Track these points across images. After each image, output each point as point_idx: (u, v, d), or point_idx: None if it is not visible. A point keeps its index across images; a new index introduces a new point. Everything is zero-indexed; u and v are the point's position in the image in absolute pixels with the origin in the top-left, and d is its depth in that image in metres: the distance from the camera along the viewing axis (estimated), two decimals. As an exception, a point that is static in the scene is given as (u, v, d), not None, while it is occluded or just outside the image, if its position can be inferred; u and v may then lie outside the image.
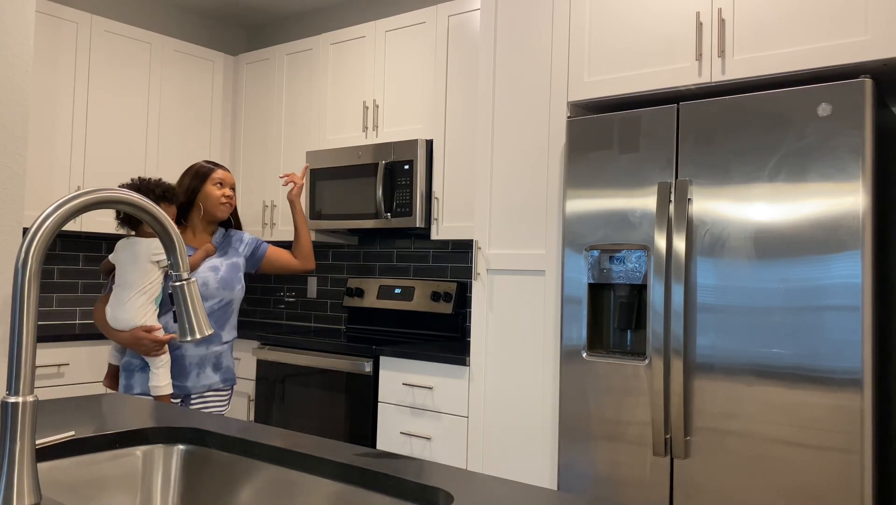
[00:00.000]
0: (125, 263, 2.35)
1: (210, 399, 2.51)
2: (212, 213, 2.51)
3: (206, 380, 2.47)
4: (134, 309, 2.33)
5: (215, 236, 2.55)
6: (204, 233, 2.53)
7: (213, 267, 2.47)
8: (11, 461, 0.93)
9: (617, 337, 2.56)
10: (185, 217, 2.52)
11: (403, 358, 3.16)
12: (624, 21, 2.60)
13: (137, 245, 2.34)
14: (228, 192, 2.53)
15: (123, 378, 2.43)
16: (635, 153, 2.44)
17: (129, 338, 2.32)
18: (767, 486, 2.12)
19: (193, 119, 4.31)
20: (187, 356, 2.43)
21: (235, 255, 2.56)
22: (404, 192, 3.44)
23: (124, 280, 2.35)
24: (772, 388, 2.13)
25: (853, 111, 2.04)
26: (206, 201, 2.50)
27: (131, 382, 2.40)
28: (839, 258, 2.04)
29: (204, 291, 2.43)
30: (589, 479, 2.47)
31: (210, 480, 1.41)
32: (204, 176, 2.51)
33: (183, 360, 2.42)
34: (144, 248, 2.34)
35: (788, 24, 2.26)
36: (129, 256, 2.34)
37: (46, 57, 3.68)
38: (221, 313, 2.49)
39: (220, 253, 2.53)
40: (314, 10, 4.63)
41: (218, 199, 2.51)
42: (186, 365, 2.42)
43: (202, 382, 2.46)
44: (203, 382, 2.46)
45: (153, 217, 1.06)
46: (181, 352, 2.42)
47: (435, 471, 1.21)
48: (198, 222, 2.52)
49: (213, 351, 2.48)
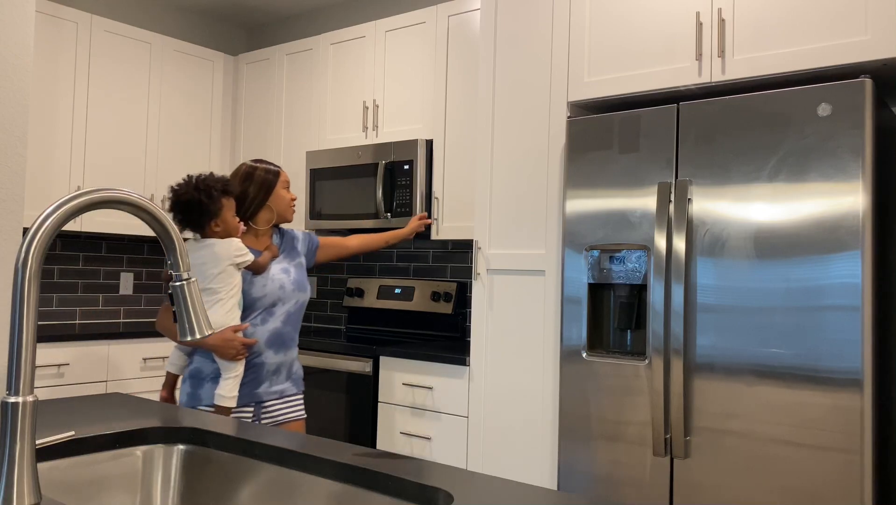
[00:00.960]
0: (204, 266, 2.22)
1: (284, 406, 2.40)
2: (283, 216, 2.43)
3: (278, 386, 2.37)
4: (222, 313, 2.22)
5: (274, 238, 2.47)
6: (265, 235, 2.43)
7: (285, 270, 2.40)
8: (11, 461, 0.93)
9: (617, 337, 2.56)
10: (253, 220, 2.39)
11: (403, 358, 3.16)
12: (624, 21, 2.60)
13: (215, 246, 2.22)
14: (293, 195, 2.47)
15: (189, 387, 2.30)
16: (635, 153, 2.44)
17: (217, 340, 2.20)
18: (767, 486, 2.12)
19: (193, 119, 4.31)
20: (266, 363, 2.33)
21: (298, 255, 2.49)
22: (404, 192, 3.44)
23: (205, 284, 2.22)
24: (772, 388, 2.13)
25: (853, 111, 2.04)
26: (279, 205, 2.41)
27: (199, 392, 2.28)
28: (839, 258, 2.04)
29: (281, 294, 2.35)
30: (589, 479, 2.47)
31: (210, 480, 1.41)
32: (273, 180, 2.40)
33: (262, 367, 2.32)
34: (224, 250, 2.22)
35: (788, 24, 2.26)
36: (207, 258, 2.21)
37: (46, 57, 3.68)
38: (297, 315, 2.42)
39: (284, 255, 2.44)
40: (314, 10, 4.63)
41: (288, 203, 2.44)
42: (264, 373, 2.33)
43: (274, 389, 2.36)
44: (275, 388, 2.36)
45: (153, 217, 1.06)
46: (260, 359, 2.31)
47: (435, 471, 1.21)
48: (265, 225, 2.41)
49: (289, 357, 2.40)
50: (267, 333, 2.32)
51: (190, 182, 2.25)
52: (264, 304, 2.32)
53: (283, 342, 2.36)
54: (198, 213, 2.22)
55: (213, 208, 2.22)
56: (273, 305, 2.34)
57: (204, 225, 2.25)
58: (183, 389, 2.32)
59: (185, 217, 2.25)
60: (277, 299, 2.34)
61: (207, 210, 2.21)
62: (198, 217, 2.24)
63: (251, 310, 2.30)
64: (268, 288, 2.32)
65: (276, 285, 2.34)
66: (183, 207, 2.23)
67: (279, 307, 2.35)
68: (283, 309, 2.36)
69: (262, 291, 2.31)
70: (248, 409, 2.32)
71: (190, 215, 2.24)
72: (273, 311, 2.34)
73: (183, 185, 2.25)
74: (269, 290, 2.32)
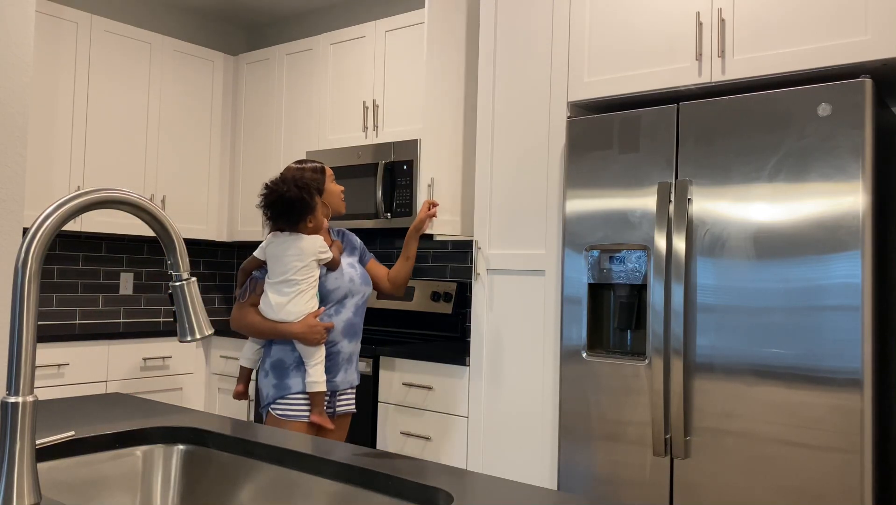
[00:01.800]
0: (289, 259, 2.35)
1: (350, 396, 2.54)
2: (337, 209, 2.55)
3: (350, 376, 2.51)
4: (303, 303, 2.36)
5: (332, 235, 2.59)
6: (326, 232, 2.55)
7: (351, 265, 2.53)
8: (11, 461, 0.93)
9: (617, 337, 2.56)
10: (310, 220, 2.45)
11: (403, 358, 3.16)
12: (624, 21, 2.60)
13: (302, 241, 2.36)
14: (342, 187, 2.59)
15: (274, 378, 2.39)
16: (635, 153, 2.44)
17: (302, 326, 2.34)
18: (767, 486, 2.12)
19: (193, 119, 4.31)
20: (342, 352, 2.47)
21: (356, 253, 2.63)
22: (404, 192, 3.44)
23: (287, 276, 2.35)
24: (772, 388, 2.13)
25: (853, 111, 2.04)
26: (332, 199, 2.52)
27: (286, 381, 2.37)
28: (839, 258, 2.04)
29: (352, 286, 2.48)
30: (589, 479, 2.47)
31: (210, 480, 1.41)
32: (321, 178, 2.50)
33: (337, 356, 2.45)
34: (310, 245, 2.36)
35: (788, 24, 2.26)
36: (294, 252, 2.34)
37: (46, 57, 3.68)
38: (363, 307, 2.55)
39: (347, 252, 2.59)
40: (314, 10, 4.63)
41: (339, 196, 2.56)
42: (340, 361, 2.46)
43: (347, 378, 2.50)
44: (348, 377, 2.50)
45: (153, 217, 1.06)
46: (336, 348, 2.45)
47: (435, 471, 1.21)
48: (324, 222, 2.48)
49: (357, 346, 2.54)
50: (342, 324, 2.46)
51: (287, 179, 2.36)
52: (337, 296, 2.45)
53: (355, 332, 2.51)
54: (299, 210, 2.35)
55: (312, 204, 2.36)
56: (345, 297, 2.47)
57: (299, 221, 2.37)
58: (265, 381, 2.41)
59: (283, 212, 2.36)
60: (348, 291, 2.48)
61: (307, 206, 2.35)
62: (298, 213, 2.35)
63: (325, 302, 2.44)
64: (339, 281, 2.46)
65: (347, 279, 2.48)
66: (286, 204, 2.35)
67: (349, 299, 2.49)
68: (353, 301, 2.50)
69: (336, 283, 2.45)
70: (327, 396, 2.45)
71: (290, 211, 2.35)
72: (345, 302, 2.48)
73: (282, 183, 2.36)
74: (340, 283, 2.46)
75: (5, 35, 2.28)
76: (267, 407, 2.40)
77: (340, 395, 2.50)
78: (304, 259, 2.34)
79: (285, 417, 2.37)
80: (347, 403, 2.54)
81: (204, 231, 4.35)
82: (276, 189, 2.35)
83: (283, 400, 2.37)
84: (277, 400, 2.38)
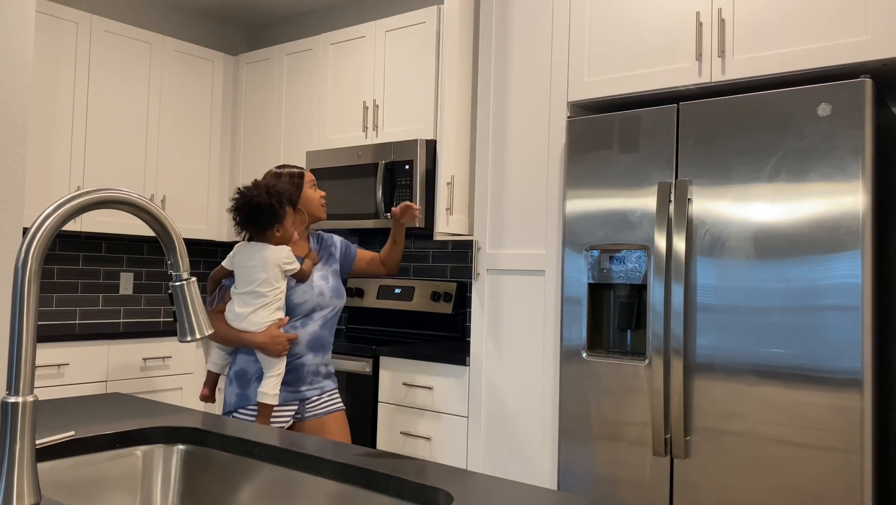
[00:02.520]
0: (253, 270, 2.31)
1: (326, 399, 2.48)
2: (315, 216, 2.49)
3: (319, 384, 2.46)
4: (266, 314, 2.31)
5: (311, 243, 2.52)
6: (302, 239, 2.49)
7: (323, 276, 2.46)
8: (11, 461, 0.93)
9: (617, 337, 2.56)
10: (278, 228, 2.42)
11: (403, 358, 3.16)
12: (624, 21, 2.60)
13: (266, 251, 2.31)
14: (322, 193, 2.51)
15: (237, 387, 2.37)
16: (635, 153, 2.44)
17: (265, 336, 2.30)
18: (767, 486, 2.12)
19: (193, 119, 4.31)
20: (307, 365, 2.41)
21: (334, 261, 2.54)
22: (404, 192, 3.44)
23: (251, 287, 2.31)
24: (772, 388, 2.13)
25: (853, 111, 2.04)
26: (309, 205, 2.47)
27: (247, 392, 2.35)
28: (839, 258, 2.04)
29: (321, 300, 2.42)
30: (589, 479, 2.47)
31: (210, 480, 1.41)
32: (298, 182, 2.45)
33: (302, 368, 2.40)
34: (276, 256, 2.31)
35: (788, 24, 2.26)
36: (258, 262, 2.30)
37: (46, 57, 3.68)
38: (332, 321, 2.48)
39: (322, 262, 2.50)
40: (314, 10, 4.63)
41: (318, 202, 2.49)
42: (304, 373, 2.41)
43: (315, 386, 2.44)
44: (317, 386, 2.45)
45: (153, 217, 1.06)
46: (301, 361, 2.40)
47: (435, 471, 1.21)
48: (299, 227, 2.45)
49: (326, 359, 2.48)
50: (307, 337, 2.40)
51: (261, 187, 2.32)
52: (304, 309, 2.39)
53: (322, 345, 2.45)
54: (267, 217, 2.30)
55: (280, 213, 2.31)
56: (312, 310, 2.41)
57: (266, 229, 2.32)
58: (229, 389, 2.40)
59: (251, 219, 2.32)
60: (316, 305, 2.42)
61: (275, 215, 2.31)
62: (265, 221, 2.31)
63: (291, 315, 2.38)
64: (307, 294, 2.39)
65: (316, 292, 2.41)
66: (253, 210, 2.31)
67: (318, 312, 2.42)
68: (321, 314, 2.43)
69: (303, 297, 2.38)
70: (292, 406, 2.40)
71: (258, 219, 2.31)
72: (312, 316, 2.42)
73: (254, 189, 2.32)
74: (308, 296, 2.39)
75: (5, 35, 2.28)
76: (229, 414, 2.38)
77: (310, 403, 2.44)
78: (268, 270, 2.30)
79: None
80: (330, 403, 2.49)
81: (204, 231, 4.35)
82: (247, 194, 2.32)
83: (244, 410, 2.36)
84: (239, 409, 2.37)
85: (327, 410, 2.47)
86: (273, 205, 2.30)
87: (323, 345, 2.45)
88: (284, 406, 2.37)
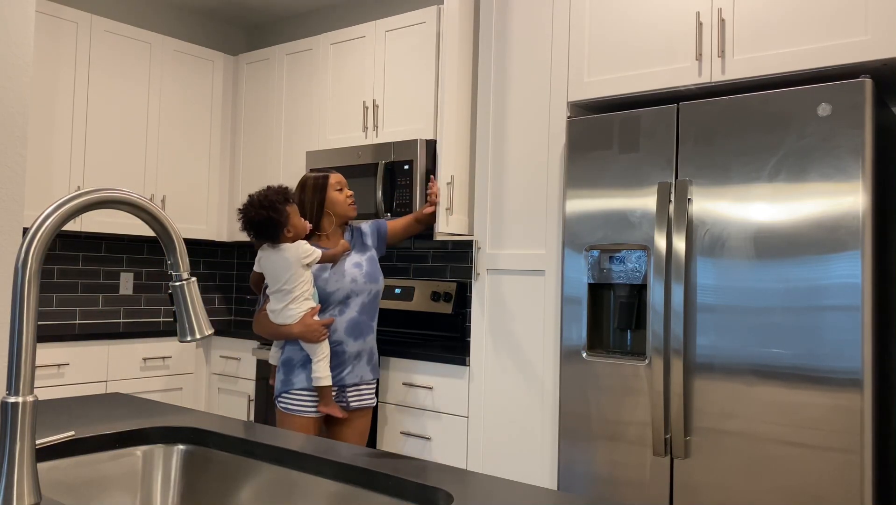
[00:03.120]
0: (278, 270, 2.50)
1: (364, 391, 2.65)
2: (343, 215, 2.67)
3: (360, 371, 2.62)
4: (295, 306, 2.50)
5: (346, 235, 2.73)
6: (335, 235, 2.69)
7: (357, 264, 2.65)
8: (11, 461, 0.93)
9: (617, 337, 2.56)
10: (317, 227, 2.65)
11: (403, 358, 3.16)
12: (624, 21, 2.60)
13: (286, 251, 2.49)
14: (349, 192, 2.69)
15: (282, 374, 2.57)
16: (635, 153, 2.44)
17: (300, 326, 2.49)
18: (767, 486, 2.12)
19: (193, 119, 4.31)
20: (347, 351, 2.59)
21: (369, 249, 2.74)
22: (404, 192, 3.44)
23: (280, 286, 2.51)
24: (772, 388, 2.13)
25: (853, 111, 2.04)
26: (336, 207, 2.65)
27: (291, 377, 2.55)
28: (839, 258, 2.04)
29: (354, 286, 2.60)
30: (589, 479, 2.47)
31: (210, 480, 1.41)
32: (323, 186, 2.64)
33: (343, 354, 2.58)
34: (294, 253, 2.49)
35: (788, 24, 2.26)
36: (281, 263, 2.49)
37: (46, 57, 3.68)
38: (371, 305, 2.66)
39: (356, 250, 2.70)
40: (314, 10, 4.63)
41: (345, 203, 2.66)
42: (346, 358, 2.59)
43: (357, 374, 2.62)
44: (357, 373, 2.62)
45: (153, 217, 1.06)
46: (342, 347, 2.58)
47: (435, 471, 1.21)
48: (329, 228, 2.66)
49: (368, 343, 2.65)
50: (345, 323, 2.58)
51: (254, 202, 2.49)
52: (338, 297, 2.59)
53: (360, 330, 2.62)
54: (271, 227, 2.48)
55: (281, 219, 2.48)
56: (347, 297, 2.60)
57: (277, 236, 2.50)
58: (277, 377, 2.61)
59: (259, 233, 2.50)
60: (351, 292, 2.60)
61: (276, 222, 2.48)
62: (272, 231, 2.49)
63: (328, 303, 2.58)
64: (340, 283, 2.58)
65: (348, 280, 2.60)
66: (256, 226, 2.49)
67: (353, 299, 2.61)
68: (358, 300, 2.62)
69: (336, 285, 2.58)
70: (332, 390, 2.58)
71: (265, 231, 2.49)
72: (348, 302, 2.60)
73: (248, 206, 2.50)
74: (340, 284, 2.58)
75: (5, 35, 2.28)
76: (276, 400, 2.59)
77: (350, 390, 2.61)
78: (289, 269, 2.48)
79: (288, 410, 2.56)
80: (361, 398, 2.65)
81: (204, 231, 4.35)
82: (246, 213, 2.50)
83: (288, 395, 2.55)
84: (283, 394, 2.56)
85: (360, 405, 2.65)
86: (271, 216, 2.46)
87: (362, 330, 2.62)
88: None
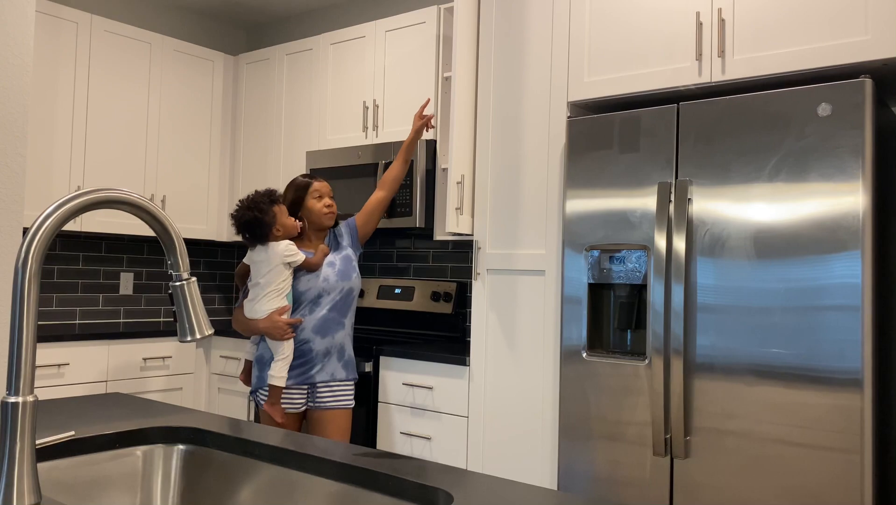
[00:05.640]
0: (261, 265, 2.61)
1: (337, 389, 2.67)
2: (318, 223, 2.73)
3: (331, 369, 2.65)
4: (267, 301, 2.59)
5: (327, 239, 2.80)
6: (317, 239, 2.77)
7: (330, 263, 2.71)
8: (11, 461, 0.93)
9: (617, 337, 2.56)
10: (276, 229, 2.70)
11: (403, 358, 3.16)
12: (624, 21, 2.60)
13: (272, 248, 2.61)
14: (328, 202, 2.73)
15: (256, 370, 2.67)
16: (635, 153, 2.44)
17: (266, 322, 2.57)
18: (767, 486, 2.12)
19: (193, 119, 4.31)
20: (314, 348, 2.63)
21: (344, 248, 2.79)
22: (404, 191, 3.44)
23: (259, 279, 2.62)
24: (772, 388, 2.13)
25: (853, 111, 2.04)
26: (310, 215, 2.71)
27: (264, 374, 2.63)
28: (839, 258, 2.04)
29: (325, 285, 2.66)
30: (589, 479, 2.47)
31: (210, 480, 1.41)
32: (303, 190, 2.71)
33: (310, 352, 2.63)
34: (278, 251, 2.59)
35: (788, 25, 2.26)
36: (263, 258, 2.61)
37: (46, 57, 3.68)
38: (342, 303, 2.70)
39: (333, 250, 2.77)
40: (314, 10, 4.63)
41: (320, 211, 2.71)
42: (313, 356, 2.63)
43: (328, 371, 2.64)
44: (328, 370, 2.64)
45: (153, 217, 1.06)
46: (309, 346, 2.62)
47: (435, 471, 1.21)
48: (309, 231, 2.74)
49: (337, 340, 2.68)
50: (314, 322, 2.64)
51: (243, 204, 2.61)
52: (310, 296, 2.65)
53: (328, 327, 2.66)
54: (259, 227, 2.59)
55: (268, 219, 2.59)
56: (319, 296, 2.66)
57: (266, 235, 2.61)
58: (253, 373, 2.70)
59: (251, 234, 2.61)
60: (322, 291, 2.66)
61: (263, 222, 2.59)
62: (261, 230, 2.59)
63: (299, 303, 2.65)
64: (311, 282, 2.65)
65: (320, 279, 2.66)
66: (246, 227, 2.61)
67: (325, 297, 2.66)
68: (329, 298, 2.67)
69: (307, 284, 2.65)
70: (303, 388, 2.64)
71: (254, 231, 2.60)
72: (319, 301, 2.66)
73: (238, 209, 2.62)
74: (311, 284, 2.65)
75: (5, 35, 2.28)
76: (254, 394, 2.69)
77: (322, 388, 2.65)
78: (270, 264, 2.59)
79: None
80: (336, 398, 2.67)
81: (204, 231, 4.35)
82: (236, 216, 2.62)
83: (263, 390, 2.65)
84: (258, 390, 2.66)
85: (334, 405, 2.66)
86: (257, 216, 2.58)
87: (329, 327, 2.66)
88: (294, 388, 2.62)
